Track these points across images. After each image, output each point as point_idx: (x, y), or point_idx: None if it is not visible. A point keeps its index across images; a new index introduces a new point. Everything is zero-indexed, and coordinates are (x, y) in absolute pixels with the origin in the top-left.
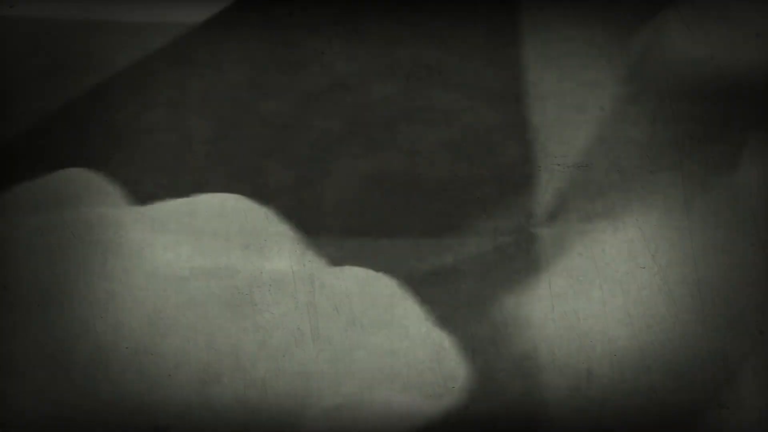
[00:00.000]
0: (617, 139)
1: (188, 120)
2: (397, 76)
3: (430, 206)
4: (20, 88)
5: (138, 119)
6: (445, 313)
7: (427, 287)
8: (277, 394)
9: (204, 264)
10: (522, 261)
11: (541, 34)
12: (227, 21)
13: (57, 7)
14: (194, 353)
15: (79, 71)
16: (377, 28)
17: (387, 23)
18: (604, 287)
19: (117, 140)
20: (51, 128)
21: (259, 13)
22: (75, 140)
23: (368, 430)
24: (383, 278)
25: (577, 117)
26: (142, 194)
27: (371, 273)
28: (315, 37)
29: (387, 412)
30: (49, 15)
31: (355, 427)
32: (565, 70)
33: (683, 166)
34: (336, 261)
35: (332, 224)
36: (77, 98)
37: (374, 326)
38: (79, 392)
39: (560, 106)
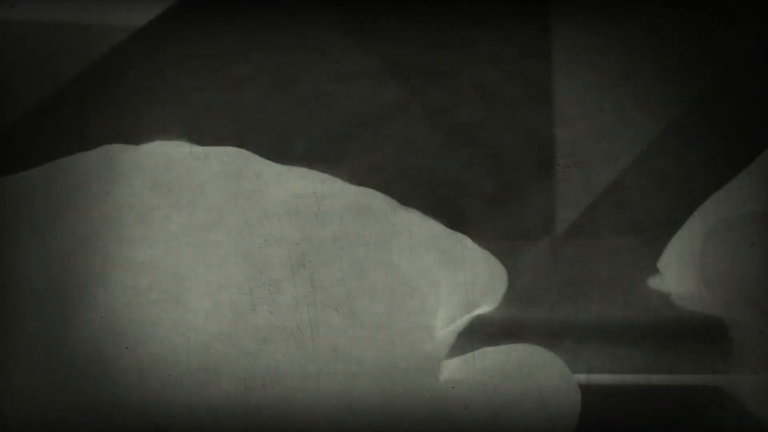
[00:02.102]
0: (619, 139)
1: (188, 122)
2: (397, 77)
3: (432, 207)
4: (17, 83)
5: (140, 118)
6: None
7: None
8: (277, 394)
9: (204, 264)
10: (524, 262)
11: (561, 38)
12: (226, 21)
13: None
14: (194, 353)
15: (79, 63)
16: (384, 29)
17: (390, 24)
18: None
19: (117, 138)
20: (47, 124)
21: (260, 13)
22: (74, 135)
23: (368, 428)
24: (384, 278)
25: (581, 119)
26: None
27: (372, 273)
28: (315, 37)
29: (387, 413)
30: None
31: (355, 426)
32: (573, 72)
33: (684, 167)
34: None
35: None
36: (74, 94)
37: (374, 327)
38: (79, 392)
39: (566, 108)
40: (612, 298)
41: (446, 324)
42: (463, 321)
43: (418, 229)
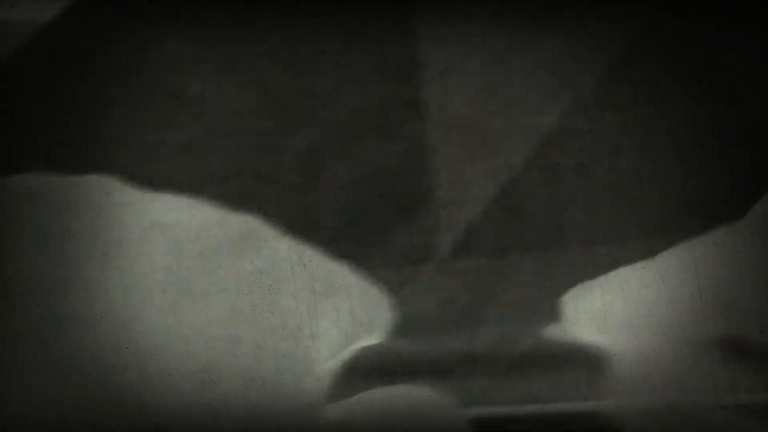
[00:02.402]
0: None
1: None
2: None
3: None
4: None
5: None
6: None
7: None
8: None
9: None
10: (412, 288)
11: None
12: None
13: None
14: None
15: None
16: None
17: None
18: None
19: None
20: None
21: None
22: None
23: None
24: (262, 309)
25: (457, 135)
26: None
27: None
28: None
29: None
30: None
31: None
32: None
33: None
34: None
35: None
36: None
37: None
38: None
39: (449, 120)
40: (509, 323)
41: (328, 357)
42: (346, 354)
43: (298, 257)
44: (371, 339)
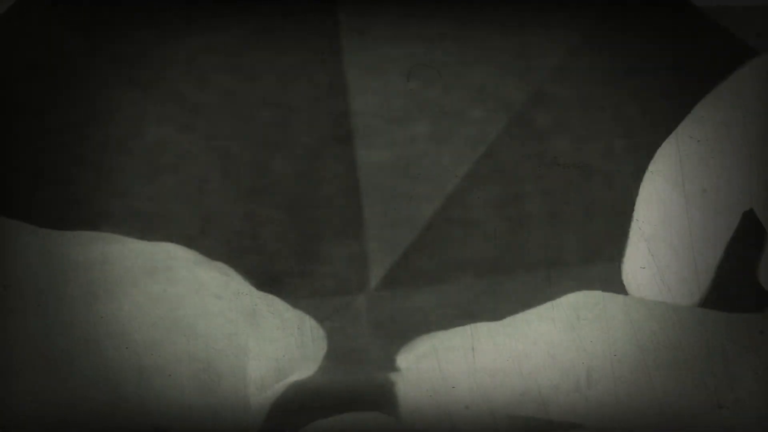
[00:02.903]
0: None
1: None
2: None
3: (241, 264)
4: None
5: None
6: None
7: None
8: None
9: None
10: (340, 321)
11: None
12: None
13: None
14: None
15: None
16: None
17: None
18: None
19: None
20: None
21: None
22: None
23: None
24: (182, 344)
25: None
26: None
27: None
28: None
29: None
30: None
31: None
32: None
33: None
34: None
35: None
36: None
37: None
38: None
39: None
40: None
41: (259, 393)
42: (278, 389)
43: (222, 289)
44: (303, 373)
